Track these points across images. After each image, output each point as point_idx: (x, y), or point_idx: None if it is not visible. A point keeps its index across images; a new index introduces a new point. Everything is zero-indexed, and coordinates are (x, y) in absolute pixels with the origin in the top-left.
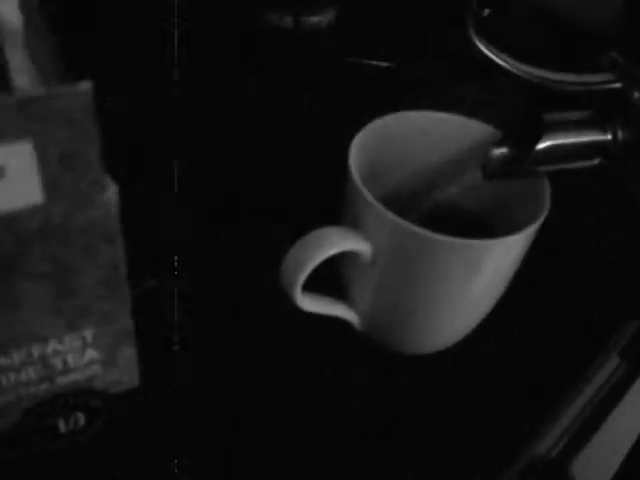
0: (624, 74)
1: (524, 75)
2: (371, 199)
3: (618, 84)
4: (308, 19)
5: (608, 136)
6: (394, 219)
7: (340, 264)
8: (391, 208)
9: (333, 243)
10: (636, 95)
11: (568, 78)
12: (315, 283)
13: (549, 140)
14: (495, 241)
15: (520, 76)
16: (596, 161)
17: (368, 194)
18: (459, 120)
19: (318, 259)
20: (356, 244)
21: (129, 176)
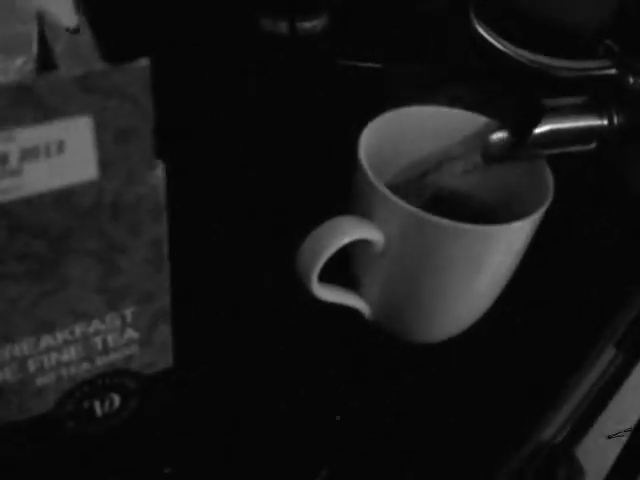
0: (619, 61)
1: (522, 60)
2: (383, 188)
3: (613, 70)
4: (302, 24)
5: (604, 121)
6: (405, 206)
7: (351, 254)
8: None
9: (347, 232)
10: (631, 81)
11: (566, 64)
12: (322, 275)
13: (547, 125)
14: (504, 226)
15: (519, 61)
16: (593, 145)
17: (380, 183)
18: (459, 113)
19: (333, 248)
20: (369, 232)
21: None
